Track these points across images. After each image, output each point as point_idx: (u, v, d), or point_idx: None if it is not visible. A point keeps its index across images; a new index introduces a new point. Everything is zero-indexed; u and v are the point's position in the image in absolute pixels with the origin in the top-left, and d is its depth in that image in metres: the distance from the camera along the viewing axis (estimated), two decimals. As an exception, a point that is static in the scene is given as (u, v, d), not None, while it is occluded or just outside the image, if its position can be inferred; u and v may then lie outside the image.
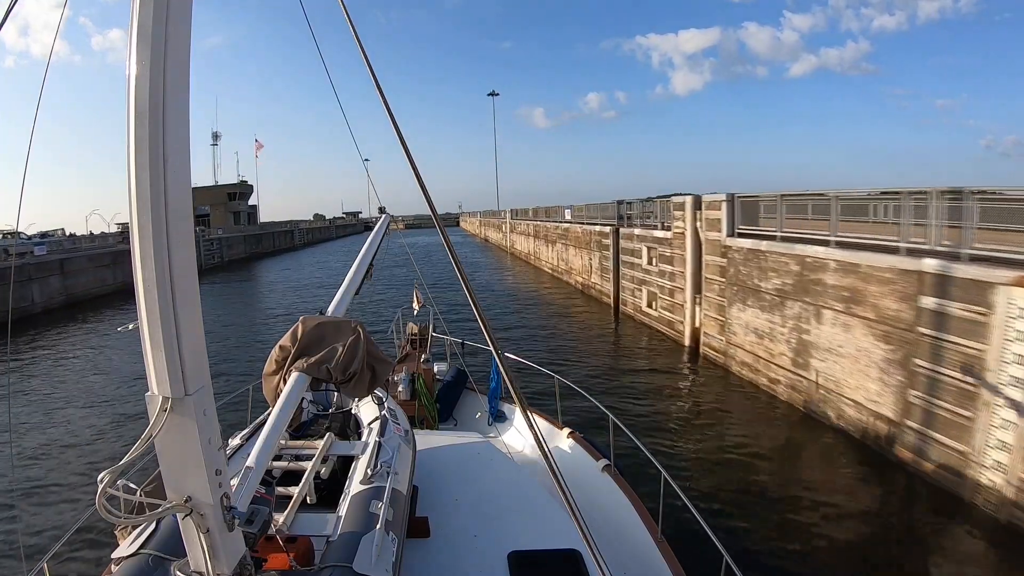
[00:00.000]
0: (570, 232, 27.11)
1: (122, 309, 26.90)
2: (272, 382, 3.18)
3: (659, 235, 16.65)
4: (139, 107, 1.59)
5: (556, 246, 30.46)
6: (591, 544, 2.14)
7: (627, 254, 19.50)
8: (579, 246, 25.40)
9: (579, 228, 25.40)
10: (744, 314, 12.05)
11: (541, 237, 35.31)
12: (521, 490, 3.86)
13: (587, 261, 24.08)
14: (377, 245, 5.21)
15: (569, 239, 27.32)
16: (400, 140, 2.28)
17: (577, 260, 25.96)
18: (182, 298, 1.69)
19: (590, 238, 23.57)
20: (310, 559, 2.35)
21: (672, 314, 15.78)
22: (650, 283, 17.43)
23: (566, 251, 28.14)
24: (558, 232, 29.94)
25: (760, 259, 11.40)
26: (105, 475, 1.66)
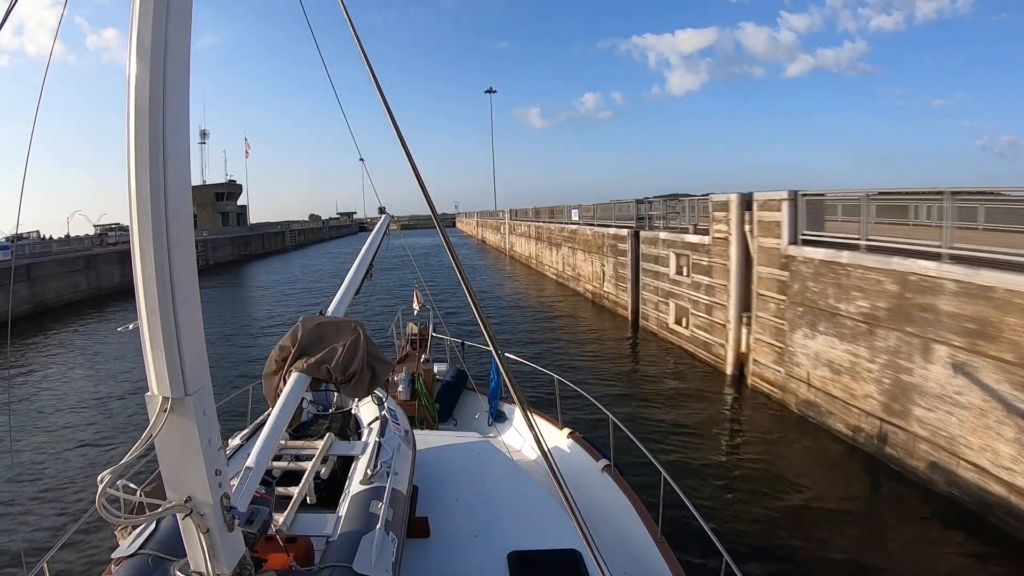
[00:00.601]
0: (578, 235, 24.62)
1: (95, 317, 25.08)
2: (272, 382, 3.18)
3: (692, 240, 14.18)
4: (139, 107, 1.59)
5: (561, 250, 27.89)
6: (591, 544, 2.14)
7: (649, 261, 16.99)
8: (589, 250, 22.97)
9: (589, 231, 23.06)
10: (813, 342, 9.67)
11: (544, 240, 32.49)
12: (521, 490, 3.86)
13: (599, 267, 21.63)
14: (377, 245, 5.21)
15: (577, 243, 24.90)
16: (400, 140, 2.28)
17: (587, 266, 23.39)
18: (182, 298, 1.69)
19: (602, 242, 21.13)
20: (310, 559, 2.35)
21: (710, 335, 13.39)
22: (680, 296, 14.93)
23: (573, 256, 25.58)
24: (564, 235, 27.45)
25: (839, 274, 8.99)
26: (105, 475, 1.66)
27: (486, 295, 26.99)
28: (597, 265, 21.95)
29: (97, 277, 32.41)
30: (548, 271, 31.38)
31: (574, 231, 25.51)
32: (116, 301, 29.56)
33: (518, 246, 42.89)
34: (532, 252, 36.66)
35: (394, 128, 2.28)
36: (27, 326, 22.98)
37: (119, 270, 33.52)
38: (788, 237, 10.44)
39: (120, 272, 33.44)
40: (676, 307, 15.28)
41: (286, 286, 35.94)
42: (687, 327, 14.63)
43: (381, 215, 6.15)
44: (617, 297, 19.82)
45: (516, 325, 19.93)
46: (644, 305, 17.65)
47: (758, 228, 11.37)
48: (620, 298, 19.45)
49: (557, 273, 29.20)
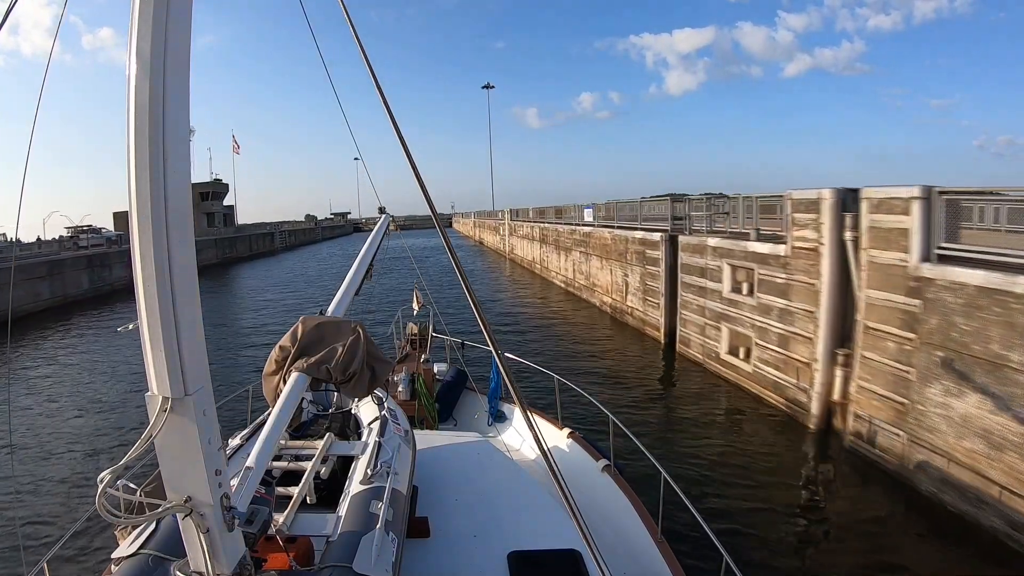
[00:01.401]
0: (593, 238, 21.24)
1: (60, 329, 21.99)
2: (272, 382, 3.18)
3: (758, 249, 10.86)
4: (139, 107, 1.60)
5: (572, 255, 24.27)
6: (591, 544, 2.14)
7: (692, 273, 13.68)
8: (607, 257, 19.57)
9: (607, 234, 19.52)
10: (960, 401, 6.85)
11: (550, 243, 28.83)
12: (521, 490, 3.86)
13: (620, 277, 18.22)
14: (377, 245, 5.22)
15: (592, 247, 21.40)
16: (400, 140, 2.28)
17: (604, 275, 19.97)
18: (182, 298, 1.69)
19: (625, 247, 17.69)
20: (310, 559, 2.35)
21: (783, 374, 10.15)
22: (737, 320, 11.66)
23: (587, 262, 22.12)
24: (575, 238, 23.77)
25: (1012, 310, 6.28)
26: (105, 475, 1.66)
27: (484, 305, 24.26)
28: (618, 274, 18.34)
29: (63, 284, 28.79)
30: (555, 278, 27.77)
31: (588, 234, 21.99)
32: (84, 310, 26.67)
33: (519, 249, 39.42)
34: (536, 256, 32.98)
35: (394, 128, 2.28)
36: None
37: (88, 276, 31.06)
38: (919, 251, 7.53)
39: (89, 278, 31.05)
40: (731, 333, 12.03)
41: (265, 292, 32.77)
42: (748, 360, 11.31)
43: (381, 215, 6.15)
44: (645, 314, 16.40)
45: (523, 343, 16.50)
46: (684, 327, 14.18)
47: (869, 237, 8.35)
48: (649, 315, 16.13)
49: (566, 281, 25.49)
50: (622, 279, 18.23)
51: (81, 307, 27.66)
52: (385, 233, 5.64)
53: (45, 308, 26.82)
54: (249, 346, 17.98)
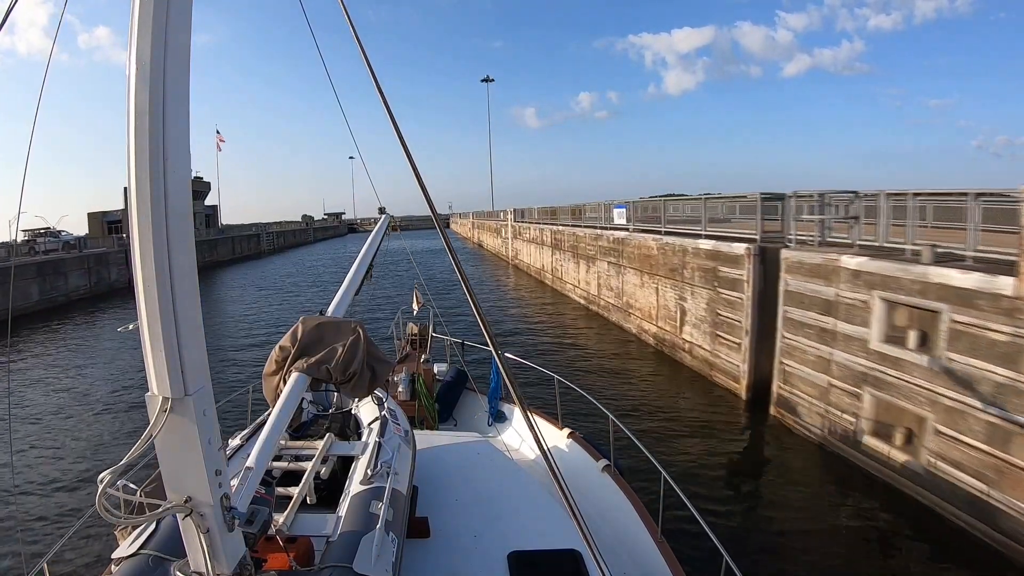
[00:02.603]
0: (630, 247, 16.48)
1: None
2: (272, 382, 3.18)
3: (955, 281, 6.74)
4: (139, 107, 1.60)
5: (596, 266, 19.70)
6: (591, 544, 2.15)
7: (808, 306, 9.14)
8: (652, 272, 14.95)
9: (651, 241, 14.95)
10: None
11: (565, 249, 24.14)
12: (521, 490, 3.86)
13: (673, 300, 13.75)
14: (377, 246, 5.22)
15: (628, 257, 16.69)
16: (400, 139, 2.28)
17: (646, 294, 15.39)
18: (182, 298, 1.70)
19: (682, 261, 13.22)
20: (310, 559, 2.35)
21: (991, 486, 6.32)
22: (896, 388, 7.54)
23: (619, 276, 17.46)
24: (601, 245, 19.15)
25: None
26: (105, 475, 1.66)
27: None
28: (669, 296, 13.97)
29: (4, 295, 25.63)
30: (572, 292, 23.26)
31: (621, 241, 17.33)
32: (33, 323, 22.55)
33: (525, 254, 34.45)
34: (547, 264, 28.15)
35: (394, 128, 2.28)
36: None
37: (38, 286, 26.96)
38: None
39: (39, 288, 27.03)
40: (881, 406, 7.83)
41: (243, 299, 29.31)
42: (912, 451, 7.33)
43: (381, 215, 6.15)
44: (713, 354, 11.89)
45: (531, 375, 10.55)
46: (787, 384, 9.60)
47: None
48: (721, 357, 11.62)
49: (588, 297, 21.00)
50: (675, 303, 13.57)
51: (30, 321, 22.87)
52: (386, 233, 5.64)
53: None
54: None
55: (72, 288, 29.77)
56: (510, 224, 40.63)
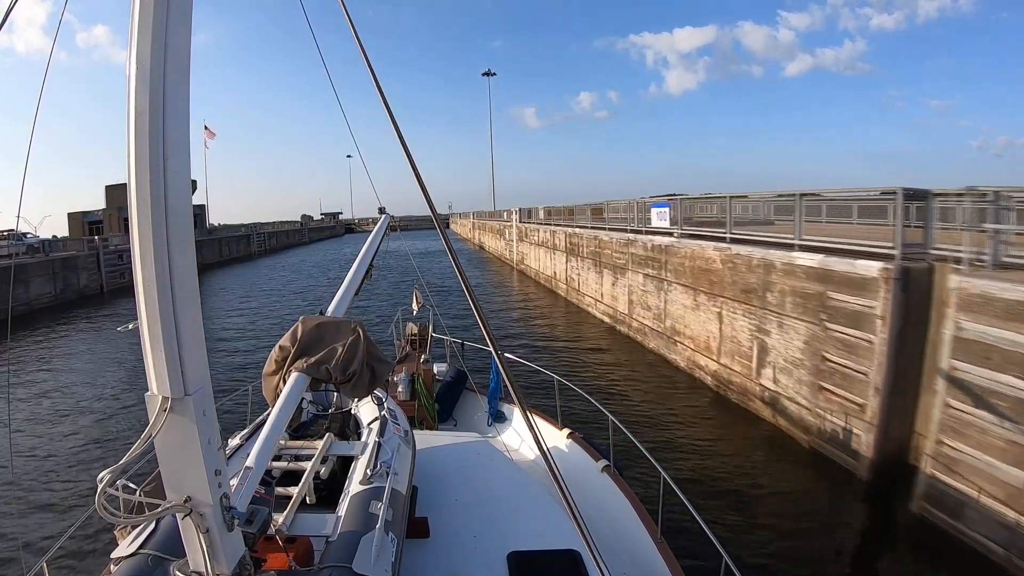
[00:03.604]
0: (677, 257, 13.16)
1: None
2: (272, 382, 3.18)
3: None
4: (139, 107, 1.60)
5: (627, 278, 16.16)
6: (591, 544, 2.15)
7: (1002, 365, 5.97)
8: (712, 291, 11.53)
9: (713, 252, 11.46)
10: None
11: (584, 256, 20.52)
12: (521, 490, 3.86)
13: (746, 332, 10.34)
14: (377, 246, 5.22)
15: (675, 271, 13.24)
16: (399, 139, 2.28)
17: (701, 320, 12.00)
18: (182, 298, 1.70)
19: (765, 281, 9.76)
20: (309, 559, 2.35)
21: None
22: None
23: (661, 293, 13.89)
24: (635, 253, 15.59)
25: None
26: (105, 475, 1.66)
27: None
28: (742, 326, 10.42)
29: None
30: (592, 307, 19.62)
31: (665, 248, 13.76)
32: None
33: (533, 259, 30.85)
34: (559, 271, 24.43)
35: (393, 127, 2.28)
36: None
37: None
38: None
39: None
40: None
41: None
42: None
43: (381, 215, 6.15)
44: (815, 412, 8.52)
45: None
46: (949, 472, 6.54)
47: None
48: (827, 418, 8.27)
49: (614, 315, 17.33)
50: (749, 336, 10.10)
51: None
52: (386, 233, 5.64)
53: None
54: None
55: (34, 296, 26.31)
56: (515, 225, 36.76)
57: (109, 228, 50.53)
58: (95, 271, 32.07)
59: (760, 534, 6.66)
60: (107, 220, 52.92)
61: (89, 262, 31.78)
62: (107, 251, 33.84)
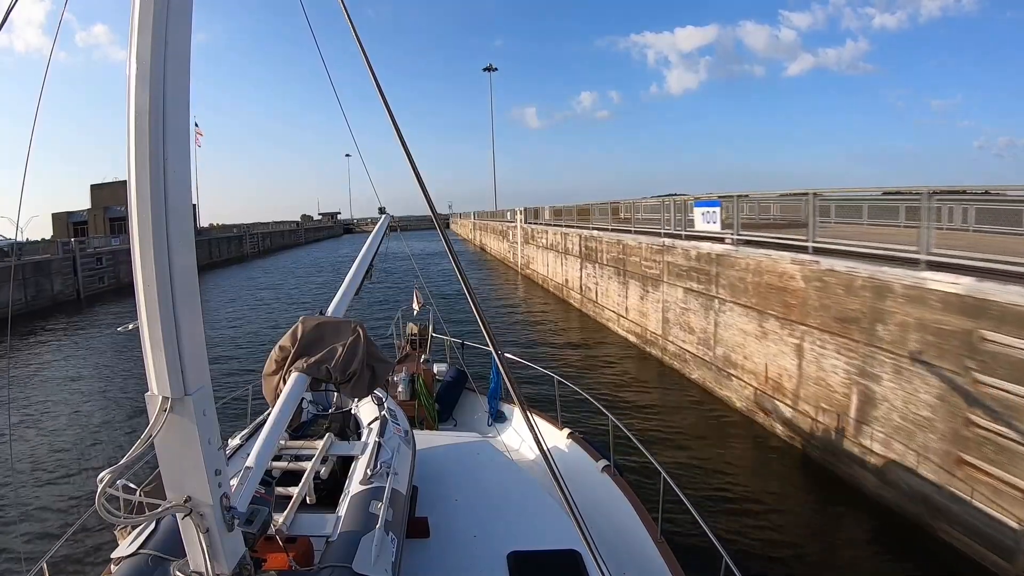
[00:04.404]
0: (734, 269, 10.35)
1: None
2: (272, 382, 3.18)
3: None
4: (139, 107, 1.60)
5: (663, 291, 13.29)
6: (591, 544, 2.15)
7: None
8: (789, 316, 8.83)
9: (792, 266, 8.72)
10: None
11: (605, 263, 17.65)
12: (521, 490, 3.87)
13: (838, 372, 7.79)
14: (377, 246, 5.23)
15: (731, 286, 10.48)
16: (399, 138, 2.28)
17: (770, 351, 9.30)
18: (182, 298, 1.70)
19: (877, 308, 7.14)
20: (310, 559, 2.35)
21: None
22: None
23: (711, 313, 11.18)
24: (673, 262, 12.82)
25: None
26: (105, 475, 1.66)
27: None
28: (833, 364, 7.91)
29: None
30: (614, 323, 16.84)
31: (716, 258, 10.93)
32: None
33: (540, 263, 28.05)
34: (572, 278, 21.78)
35: (393, 127, 2.28)
36: None
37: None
38: None
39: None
40: None
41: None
42: None
43: (381, 215, 6.15)
44: (945, 483, 6.28)
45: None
46: None
47: None
48: (969, 503, 5.99)
49: (643, 334, 14.65)
50: (846, 379, 7.65)
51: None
52: (386, 234, 5.65)
53: None
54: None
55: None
56: (520, 226, 33.89)
57: (94, 229, 49.41)
58: (71, 276, 29.89)
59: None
60: (92, 221, 51.75)
61: (64, 266, 29.52)
62: (84, 254, 31.69)
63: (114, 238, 39.06)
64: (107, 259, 33.82)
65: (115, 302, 28.91)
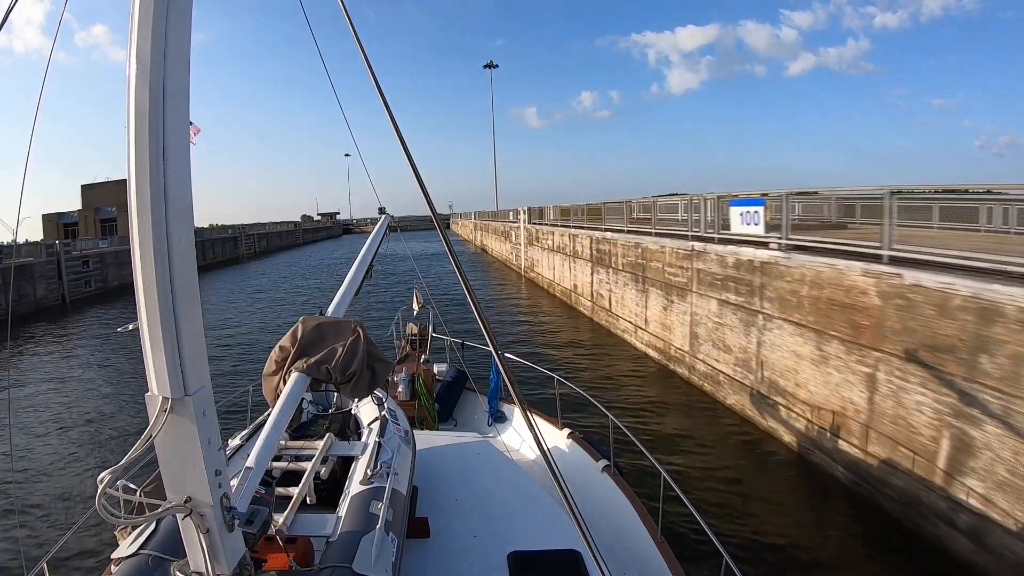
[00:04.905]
0: (785, 280, 8.62)
1: None
2: (272, 382, 3.18)
3: None
4: (139, 107, 1.60)
5: (692, 302, 11.69)
6: (591, 544, 2.15)
7: None
8: (859, 340, 7.19)
9: (865, 280, 7.05)
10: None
11: (620, 268, 15.93)
12: (521, 490, 3.86)
13: (923, 412, 6.30)
14: (377, 246, 5.23)
15: (780, 300, 8.75)
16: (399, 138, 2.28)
17: (831, 379, 7.68)
18: (182, 298, 1.70)
19: (985, 337, 5.62)
20: (310, 559, 2.35)
21: None
22: None
23: (753, 330, 9.48)
24: (705, 269, 11.13)
25: None
26: (105, 475, 1.66)
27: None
28: (915, 400, 6.42)
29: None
30: (631, 335, 15.18)
31: (762, 266, 9.25)
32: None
33: (546, 266, 26.21)
34: (581, 283, 20.03)
35: (393, 126, 2.28)
36: None
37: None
38: None
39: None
40: None
41: None
42: None
43: (381, 215, 6.15)
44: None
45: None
46: None
47: None
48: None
49: (665, 350, 13.07)
50: (935, 420, 6.23)
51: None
52: (385, 234, 5.65)
53: None
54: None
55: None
56: (523, 227, 31.98)
57: (85, 230, 48.52)
58: (55, 279, 28.57)
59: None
60: (83, 222, 50.88)
61: (48, 270, 28.15)
62: (70, 256, 30.37)
63: (102, 240, 37.93)
64: (94, 262, 32.54)
65: (103, 306, 27.74)
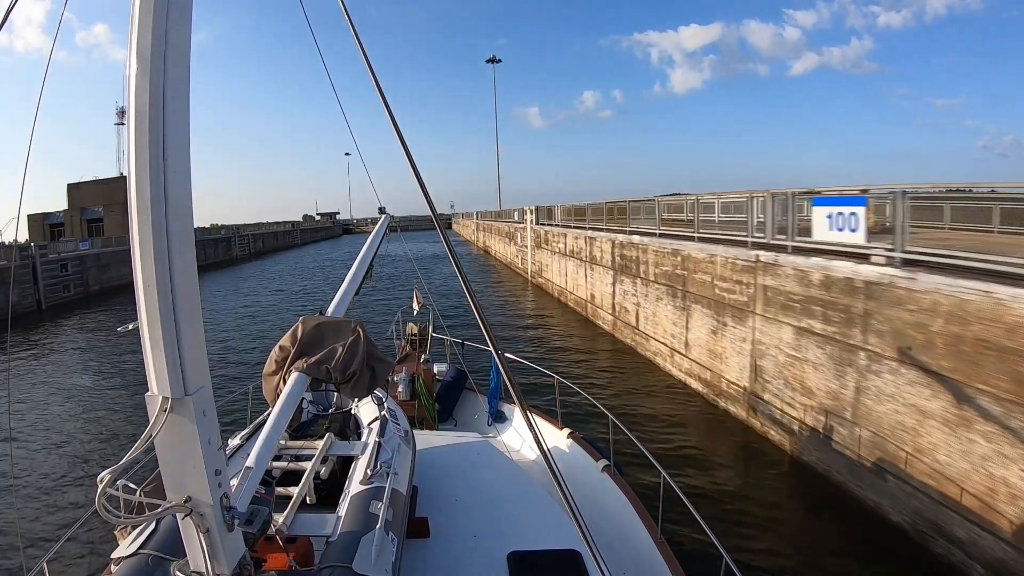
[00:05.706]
0: (904, 307, 6.22)
1: None
2: (272, 382, 3.18)
3: None
4: (139, 107, 1.60)
5: (752, 326, 9.22)
6: (591, 544, 2.15)
7: None
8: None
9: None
10: None
11: (651, 279, 13.50)
12: (521, 490, 3.87)
13: None
14: (377, 246, 5.23)
15: (897, 332, 6.34)
16: (399, 137, 2.28)
17: (980, 449, 5.38)
18: (182, 298, 1.70)
19: None
20: (310, 559, 2.35)
21: None
22: None
23: (849, 370, 7.07)
24: (772, 288, 8.65)
25: None
26: (105, 475, 1.66)
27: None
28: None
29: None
30: (666, 359, 12.72)
31: (868, 288, 6.79)
32: None
33: (556, 272, 23.48)
34: (601, 295, 17.45)
35: (393, 126, 2.28)
36: None
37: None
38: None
39: None
40: None
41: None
42: None
43: (381, 215, 6.15)
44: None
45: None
46: None
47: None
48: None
49: (715, 384, 10.55)
50: None
51: None
52: (385, 234, 5.65)
53: None
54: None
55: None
56: (530, 228, 29.12)
57: (71, 231, 47.24)
58: (30, 284, 26.60)
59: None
60: (68, 222, 49.71)
61: (22, 274, 25.87)
62: (46, 260, 28.27)
63: (83, 242, 35.65)
64: (73, 265, 30.28)
65: (83, 312, 26.00)
